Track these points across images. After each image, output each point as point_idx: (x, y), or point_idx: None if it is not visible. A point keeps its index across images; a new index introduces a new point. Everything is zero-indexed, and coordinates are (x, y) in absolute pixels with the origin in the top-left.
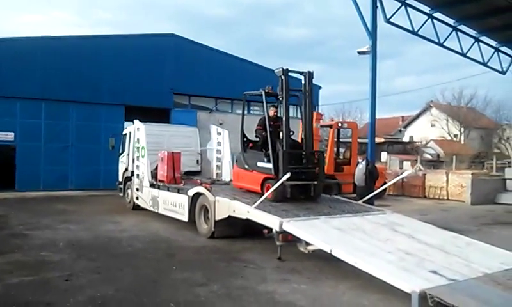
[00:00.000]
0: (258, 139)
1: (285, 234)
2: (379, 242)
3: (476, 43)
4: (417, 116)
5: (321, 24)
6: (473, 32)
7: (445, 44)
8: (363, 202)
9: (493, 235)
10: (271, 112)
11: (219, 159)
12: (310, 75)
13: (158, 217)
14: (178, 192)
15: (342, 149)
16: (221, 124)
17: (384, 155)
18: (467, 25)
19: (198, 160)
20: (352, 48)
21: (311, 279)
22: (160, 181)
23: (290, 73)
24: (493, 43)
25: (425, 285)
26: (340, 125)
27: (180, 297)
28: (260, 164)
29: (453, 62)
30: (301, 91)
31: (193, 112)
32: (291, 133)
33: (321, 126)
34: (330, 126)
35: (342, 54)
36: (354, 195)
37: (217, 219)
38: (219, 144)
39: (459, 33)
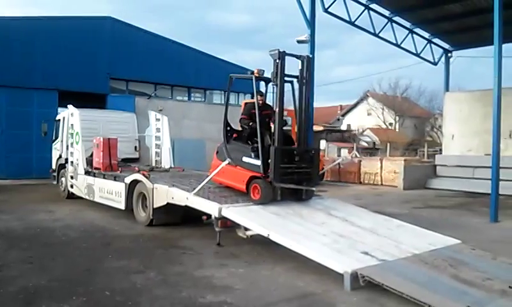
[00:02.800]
0: (242, 130)
1: (224, 220)
2: (315, 225)
3: (410, 35)
4: (355, 105)
5: (262, 11)
6: (407, 24)
7: (380, 35)
8: None
9: (423, 217)
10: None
11: (158, 146)
12: (308, 60)
13: (94, 205)
14: (115, 179)
15: None
16: (160, 110)
17: (323, 143)
18: (402, 17)
19: (136, 147)
20: (292, 36)
21: (249, 263)
22: (95, 168)
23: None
24: (426, 35)
25: (357, 266)
26: None
27: (116, 284)
28: (246, 159)
29: (390, 53)
30: (297, 78)
31: (131, 97)
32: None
33: None
34: None
35: (282, 42)
36: None
37: (155, 206)
38: (158, 130)
39: (394, 24)
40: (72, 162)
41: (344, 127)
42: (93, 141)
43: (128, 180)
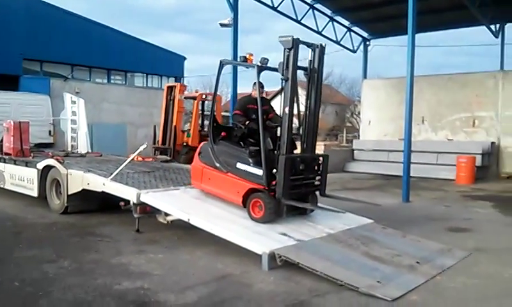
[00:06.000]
0: (233, 128)
1: (143, 205)
2: (236, 208)
3: (331, 22)
4: (279, 92)
5: None
6: (328, 12)
7: (302, 21)
8: None
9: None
10: (255, 93)
11: (74, 130)
12: (321, 50)
13: (5, 193)
14: (27, 165)
15: (206, 122)
16: (77, 93)
17: None
18: (323, 5)
19: (50, 131)
20: (219, 20)
21: (168, 248)
22: (6, 153)
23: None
24: (346, 23)
25: (275, 246)
26: (204, 97)
27: (26, 275)
28: (242, 166)
29: (312, 40)
30: (306, 70)
31: (46, 79)
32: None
33: (185, 98)
34: (194, 98)
35: (209, 25)
36: None
37: (70, 193)
38: (74, 113)
39: (315, 12)
40: None
41: None
42: (3, 124)
43: (40, 165)
